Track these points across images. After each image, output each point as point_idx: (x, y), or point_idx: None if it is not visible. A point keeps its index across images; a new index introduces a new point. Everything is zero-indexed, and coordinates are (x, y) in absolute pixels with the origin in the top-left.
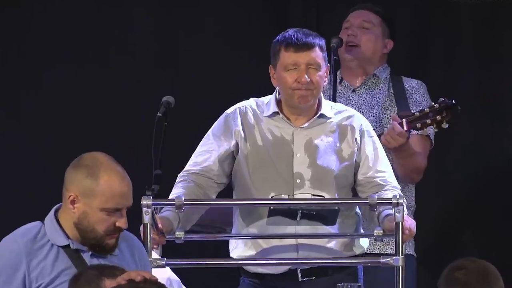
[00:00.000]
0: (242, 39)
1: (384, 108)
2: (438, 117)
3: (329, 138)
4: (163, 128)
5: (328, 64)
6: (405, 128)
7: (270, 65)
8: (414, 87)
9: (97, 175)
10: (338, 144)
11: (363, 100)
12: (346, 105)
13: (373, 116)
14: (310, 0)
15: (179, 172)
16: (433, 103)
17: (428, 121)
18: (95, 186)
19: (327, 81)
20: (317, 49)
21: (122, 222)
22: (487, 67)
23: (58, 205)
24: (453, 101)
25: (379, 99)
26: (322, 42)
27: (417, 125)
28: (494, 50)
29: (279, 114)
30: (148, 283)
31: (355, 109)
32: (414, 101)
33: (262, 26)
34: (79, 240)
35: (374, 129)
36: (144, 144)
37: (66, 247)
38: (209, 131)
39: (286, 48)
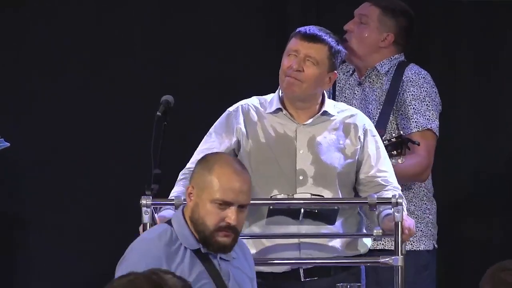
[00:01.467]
0: (241, 39)
1: (379, 104)
2: (394, 152)
3: (332, 135)
4: (162, 128)
5: (335, 72)
6: None
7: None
8: (410, 78)
9: (211, 167)
10: (341, 142)
11: (365, 95)
12: (351, 98)
13: (368, 113)
14: (310, 0)
15: (179, 172)
16: (393, 136)
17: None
18: (207, 177)
19: (329, 87)
20: (324, 46)
21: (231, 218)
22: (487, 67)
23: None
24: (411, 140)
25: (377, 94)
26: (338, 47)
27: None
28: (494, 50)
29: (282, 111)
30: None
31: (357, 103)
32: (412, 94)
33: (261, 27)
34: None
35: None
36: (143, 143)
37: (197, 251)
38: (211, 129)
39: (295, 35)
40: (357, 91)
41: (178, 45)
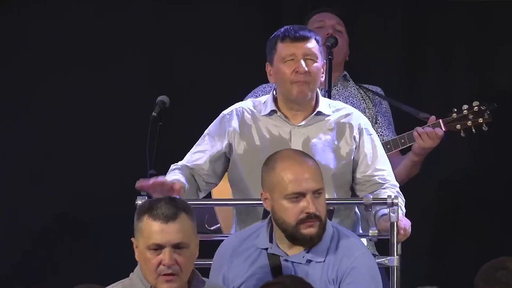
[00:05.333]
0: (240, 40)
1: (361, 111)
2: (480, 120)
3: (327, 136)
4: (158, 128)
5: (325, 61)
6: (444, 129)
7: (267, 63)
8: (378, 92)
9: (274, 166)
10: (336, 142)
11: None
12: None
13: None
14: (304, 3)
15: None
16: (469, 105)
17: (469, 123)
18: (274, 177)
19: (324, 77)
20: (313, 41)
21: (310, 207)
22: (486, 67)
23: None
24: (495, 104)
25: (354, 101)
26: (318, 37)
27: (456, 126)
28: (492, 50)
29: (276, 113)
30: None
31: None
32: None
33: (258, 27)
34: (281, 242)
35: None
36: (139, 143)
37: (266, 250)
38: (206, 131)
39: (283, 40)
40: None
41: (174, 46)
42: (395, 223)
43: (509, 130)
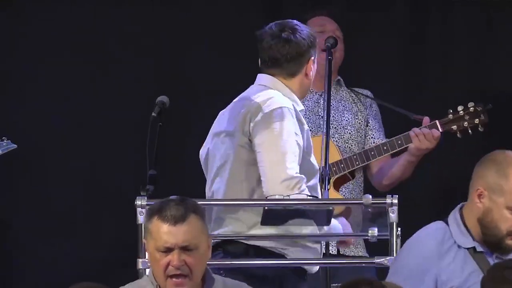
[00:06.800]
0: (237, 41)
1: (353, 114)
2: (476, 121)
3: None
4: (158, 128)
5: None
6: (440, 130)
7: (312, 58)
8: (368, 95)
9: (506, 172)
10: None
11: (332, 105)
12: (314, 108)
13: (346, 121)
14: (304, 2)
15: (174, 173)
16: (465, 106)
17: (465, 124)
18: (504, 183)
19: None
20: None
21: None
22: (485, 68)
23: (462, 203)
24: (491, 105)
25: (346, 105)
26: None
27: (452, 127)
28: (492, 50)
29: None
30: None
31: (323, 113)
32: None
33: (256, 28)
34: (482, 241)
35: (348, 134)
36: (139, 144)
37: (471, 249)
38: (290, 132)
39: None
40: (321, 101)
41: (174, 45)
42: (394, 223)
43: (509, 131)
